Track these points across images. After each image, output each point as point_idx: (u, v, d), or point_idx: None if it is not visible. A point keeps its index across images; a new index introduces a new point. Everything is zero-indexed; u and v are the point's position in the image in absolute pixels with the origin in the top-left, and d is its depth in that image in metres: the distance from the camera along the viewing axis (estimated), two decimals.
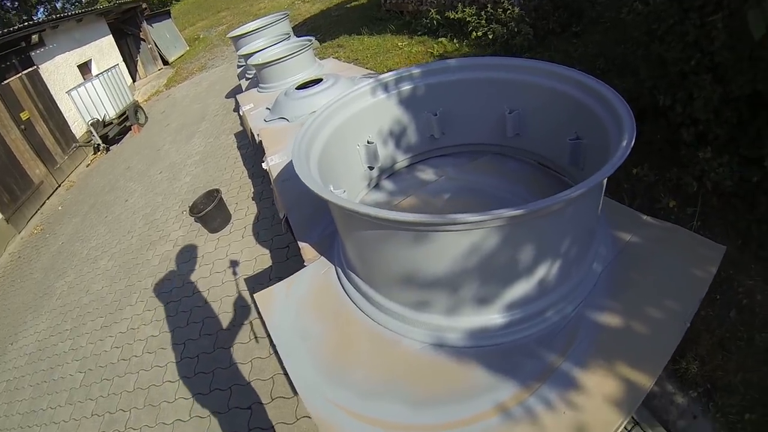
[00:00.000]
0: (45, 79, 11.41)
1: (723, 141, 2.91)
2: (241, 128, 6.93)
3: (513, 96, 2.16)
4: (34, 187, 10.21)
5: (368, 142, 2.27)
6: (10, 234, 9.31)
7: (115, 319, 4.65)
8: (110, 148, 11.41)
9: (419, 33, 7.65)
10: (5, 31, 10.25)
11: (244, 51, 6.07)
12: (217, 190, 4.71)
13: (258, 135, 3.63)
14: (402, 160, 2.55)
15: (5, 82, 10.08)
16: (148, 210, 6.23)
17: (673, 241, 1.73)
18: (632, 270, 1.64)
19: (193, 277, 4.35)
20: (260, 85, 4.83)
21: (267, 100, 4.45)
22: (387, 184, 2.51)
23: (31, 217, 9.86)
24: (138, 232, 5.84)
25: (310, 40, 4.68)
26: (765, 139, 2.69)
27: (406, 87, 2.30)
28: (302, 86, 4.00)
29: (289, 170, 2.89)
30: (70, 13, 13.46)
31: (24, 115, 10.38)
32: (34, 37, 11.06)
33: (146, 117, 12.02)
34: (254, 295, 1.91)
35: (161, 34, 18.76)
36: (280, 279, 1.92)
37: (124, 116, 11.35)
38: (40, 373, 4.79)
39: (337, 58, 8.00)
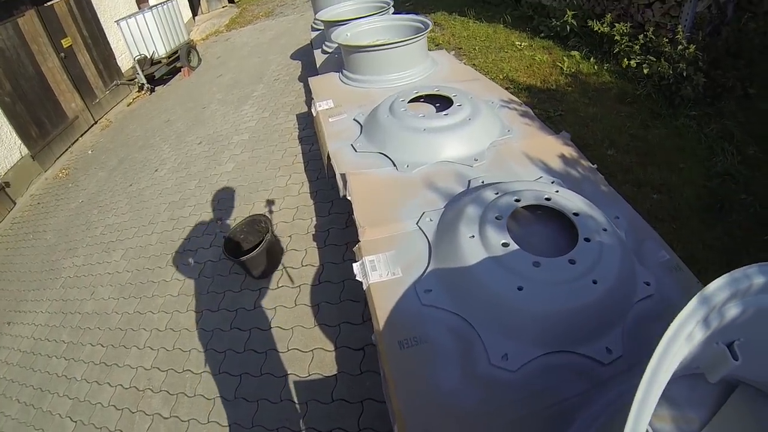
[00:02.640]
0: (95, 4, 10.09)
1: None
2: (305, 110, 5.47)
3: None
4: (68, 122, 9.08)
5: None
6: (35, 172, 8.28)
7: (118, 359, 3.46)
8: (155, 89, 10.14)
9: (543, 35, 5.91)
10: None
11: (325, 15, 4.57)
12: (267, 222, 3.33)
13: (343, 179, 2.21)
14: None
15: (49, 3, 8.77)
16: (176, 198, 4.93)
17: None
18: None
19: (221, 345, 3.04)
20: (346, 71, 3.37)
21: (356, 99, 3.00)
22: None
23: (60, 156, 8.78)
24: (160, 228, 4.56)
25: (425, 24, 3.22)
26: None
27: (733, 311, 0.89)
28: (415, 100, 2.58)
29: (411, 309, 1.49)
30: None
31: (66, 42, 9.15)
32: None
33: (199, 59, 10.66)
34: None
35: None
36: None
37: (176, 56, 10.02)
38: (28, 390, 3.75)
39: (435, 42, 6.41)
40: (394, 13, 4.23)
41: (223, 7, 16.79)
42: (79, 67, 9.53)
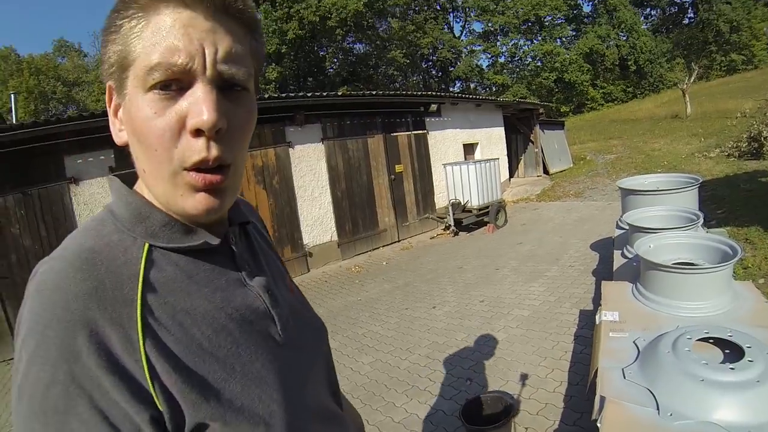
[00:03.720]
0: (430, 145, 12.63)
1: None
2: (590, 307, 5.57)
3: None
4: (377, 231, 11.08)
5: None
6: (335, 257, 10.25)
7: None
8: (459, 233, 11.50)
9: None
10: (409, 93, 12.22)
11: (631, 218, 4.73)
12: (512, 406, 3.53)
13: (600, 403, 2.27)
14: None
15: (395, 134, 11.42)
16: (441, 340, 5.50)
17: None
18: None
19: None
20: (640, 284, 3.45)
21: (642, 318, 3.05)
22: None
23: (359, 254, 10.63)
24: (414, 359, 5.16)
25: (734, 250, 3.15)
26: None
27: None
28: (702, 339, 2.50)
29: None
30: (472, 96, 15.13)
31: (398, 168, 11.64)
32: (433, 107, 12.66)
33: (506, 220, 11.81)
34: None
35: (550, 142, 19.64)
36: None
37: (486, 210, 11.36)
38: None
39: (743, 265, 5.95)
40: (703, 224, 4.26)
41: (538, 176, 18.53)
42: (402, 192, 11.75)
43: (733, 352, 2.41)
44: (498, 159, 12.54)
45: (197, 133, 0.64)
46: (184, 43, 0.62)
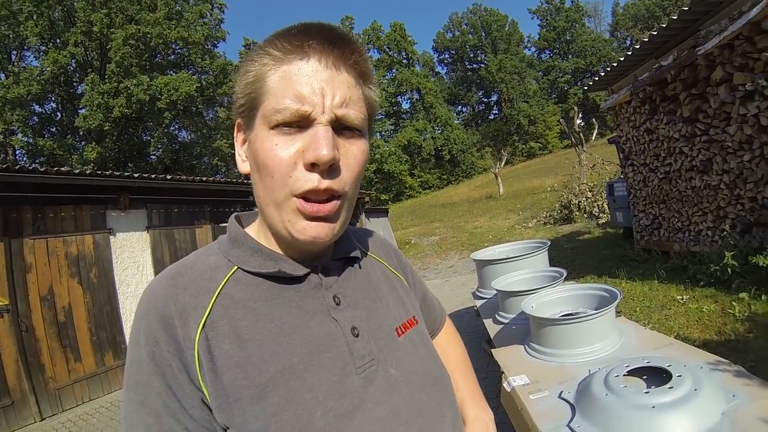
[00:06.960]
0: None
1: None
2: None
3: None
4: None
5: None
6: None
7: None
8: None
9: (702, 283, 6.02)
10: (239, 181, 11.39)
11: (503, 285, 4.73)
12: None
13: None
14: None
15: (224, 224, 11.19)
16: None
17: None
18: None
19: None
20: (533, 344, 3.38)
21: (552, 374, 2.95)
22: None
23: None
24: None
25: (612, 293, 3.29)
26: None
27: None
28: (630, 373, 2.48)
29: None
30: None
31: None
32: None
33: None
34: None
35: (376, 229, 19.65)
36: None
37: None
38: None
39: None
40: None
41: None
42: None
43: (651, 376, 2.46)
44: None
45: (312, 166, 0.71)
46: (307, 91, 0.70)
